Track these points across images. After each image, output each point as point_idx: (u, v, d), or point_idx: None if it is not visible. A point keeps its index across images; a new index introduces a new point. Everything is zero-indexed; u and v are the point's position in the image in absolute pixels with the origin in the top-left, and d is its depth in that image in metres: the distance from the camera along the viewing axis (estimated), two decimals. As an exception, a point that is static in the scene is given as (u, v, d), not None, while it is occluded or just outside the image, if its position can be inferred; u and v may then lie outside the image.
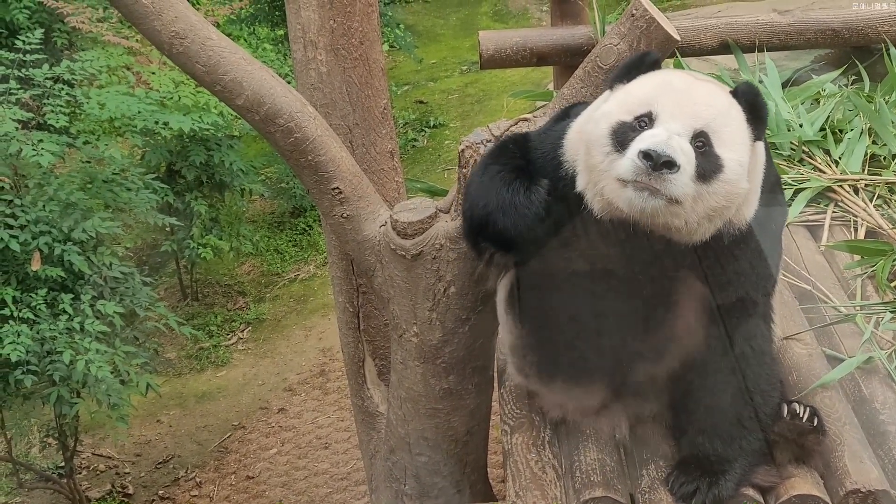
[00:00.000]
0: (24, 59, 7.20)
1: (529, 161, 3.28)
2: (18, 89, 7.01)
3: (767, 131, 4.92)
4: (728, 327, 3.13)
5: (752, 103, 3.05)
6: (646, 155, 2.84)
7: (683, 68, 5.41)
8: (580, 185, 3.08)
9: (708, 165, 2.93)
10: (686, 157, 2.88)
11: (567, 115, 3.38)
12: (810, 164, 4.87)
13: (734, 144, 2.97)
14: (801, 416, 3.35)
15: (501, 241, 3.26)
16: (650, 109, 2.97)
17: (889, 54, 5.45)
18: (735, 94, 3.07)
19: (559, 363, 3.44)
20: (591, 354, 3.37)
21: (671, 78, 3.08)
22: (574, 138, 3.18)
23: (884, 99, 5.18)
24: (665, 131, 2.91)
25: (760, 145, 3.09)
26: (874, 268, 4.23)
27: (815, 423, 3.35)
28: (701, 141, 2.94)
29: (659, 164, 2.84)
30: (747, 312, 3.17)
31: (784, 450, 3.31)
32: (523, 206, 3.18)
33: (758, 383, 3.23)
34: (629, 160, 2.88)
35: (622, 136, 2.96)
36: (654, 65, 3.13)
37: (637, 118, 2.97)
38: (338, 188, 3.97)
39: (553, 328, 3.38)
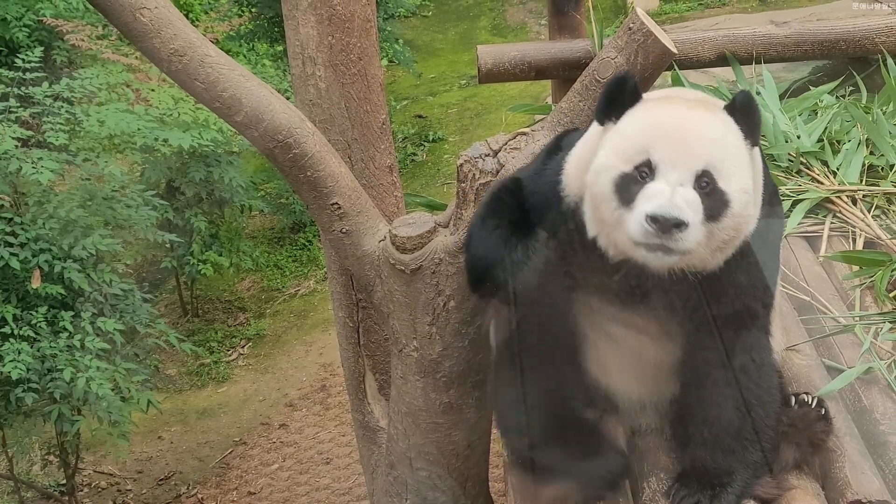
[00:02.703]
0: (24, 77, 7.23)
1: (526, 209, 3.28)
2: (18, 107, 7.03)
3: (765, 143, 4.98)
4: (729, 340, 3.12)
5: (745, 112, 3.01)
6: (653, 219, 2.82)
7: (681, 81, 5.43)
8: (591, 231, 3.06)
9: (715, 205, 2.90)
10: (693, 208, 2.86)
11: (558, 146, 3.36)
12: (808, 175, 4.87)
13: (737, 173, 2.94)
14: (809, 404, 3.39)
15: (503, 292, 3.31)
16: (648, 157, 2.92)
17: (886, 65, 5.46)
18: (731, 106, 3.05)
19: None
20: (594, 379, 3.38)
21: (663, 116, 3.00)
22: (572, 174, 3.17)
23: (881, 110, 5.19)
24: (668, 186, 2.87)
25: (756, 151, 3.09)
26: (873, 278, 4.23)
27: (823, 412, 3.38)
28: (705, 181, 2.90)
29: (667, 227, 2.82)
30: (748, 325, 3.16)
31: (790, 444, 3.31)
32: (521, 262, 3.21)
33: (759, 396, 3.23)
34: (637, 223, 2.86)
35: (626, 191, 2.92)
36: (635, 91, 3.06)
37: (637, 168, 2.92)
38: (337, 203, 3.97)
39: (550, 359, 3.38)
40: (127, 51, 8.56)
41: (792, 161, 4.92)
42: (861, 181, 4.81)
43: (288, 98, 4.14)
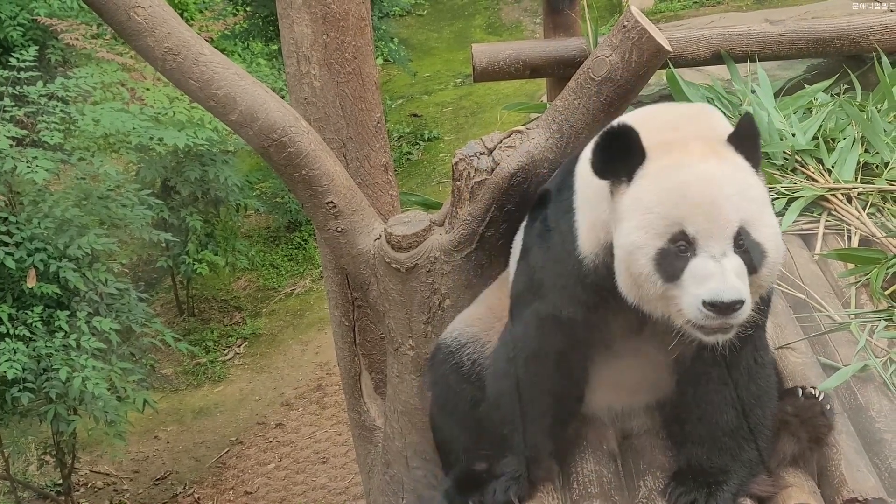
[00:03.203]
0: (19, 76, 7.22)
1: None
2: (12, 106, 7.03)
3: (760, 141, 4.98)
4: (733, 344, 3.10)
5: (749, 140, 2.95)
6: (711, 304, 2.78)
7: (676, 79, 5.43)
8: (630, 299, 2.98)
9: (754, 259, 2.87)
10: (742, 276, 2.82)
11: (543, 204, 3.31)
12: (803, 173, 4.87)
13: (763, 214, 2.90)
14: (816, 397, 3.38)
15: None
16: (682, 229, 2.84)
17: (880, 63, 5.46)
18: (736, 135, 2.96)
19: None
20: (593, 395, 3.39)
21: (682, 177, 2.88)
22: (585, 234, 3.09)
23: (876, 107, 5.20)
24: (714, 262, 2.81)
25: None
26: (868, 276, 4.23)
27: (828, 408, 3.38)
28: (741, 241, 2.85)
29: (728, 310, 2.78)
30: (753, 328, 3.15)
31: (791, 436, 3.31)
32: None
33: (759, 395, 3.22)
34: (694, 308, 2.81)
35: (669, 267, 2.86)
36: (639, 146, 2.94)
37: (673, 241, 2.85)
38: (332, 202, 3.97)
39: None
40: (122, 50, 8.55)
41: (787, 159, 4.92)
42: (856, 179, 4.81)
43: (283, 97, 4.14)
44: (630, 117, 3.14)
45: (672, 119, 3.08)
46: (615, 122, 3.02)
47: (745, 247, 2.85)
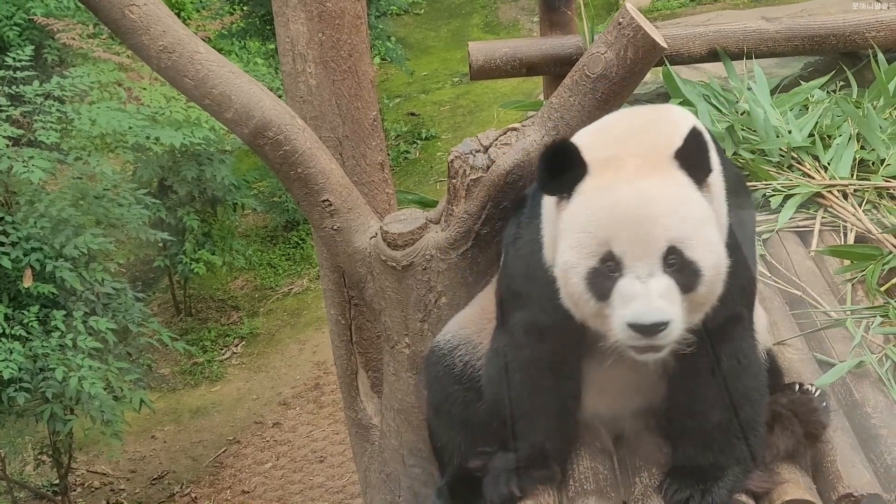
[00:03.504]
0: (15, 75, 7.22)
1: None
2: (9, 106, 7.03)
3: (756, 138, 4.98)
4: (716, 345, 3.10)
5: (694, 155, 2.88)
6: (633, 326, 2.78)
7: (672, 77, 5.42)
8: (575, 315, 3.00)
9: (689, 277, 2.84)
10: (670, 297, 2.80)
11: (520, 210, 3.33)
12: (799, 169, 4.87)
13: (701, 233, 2.85)
14: (812, 393, 3.39)
15: None
16: (610, 249, 2.83)
17: (876, 60, 5.46)
18: (681, 152, 2.90)
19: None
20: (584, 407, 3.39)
21: (613, 195, 2.85)
22: (548, 245, 3.09)
23: (871, 104, 5.19)
24: (639, 282, 2.80)
25: (713, 175, 2.97)
26: (864, 272, 4.23)
27: (824, 405, 3.38)
28: (672, 259, 2.82)
29: (650, 331, 2.78)
30: (732, 329, 3.16)
31: (785, 430, 3.31)
32: None
33: (747, 394, 3.22)
34: (620, 329, 2.81)
35: (600, 286, 2.85)
36: (579, 161, 2.92)
37: (603, 261, 2.84)
38: (328, 200, 3.97)
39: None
40: (118, 49, 8.55)
41: (783, 156, 4.92)
42: (852, 176, 4.81)
43: (280, 96, 4.13)
44: (587, 129, 3.14)
45: (625, 131, 3.04)
46: (559, 139, 3.04)
47: (679, 265, 2.82)
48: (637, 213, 2.80)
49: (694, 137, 2.87)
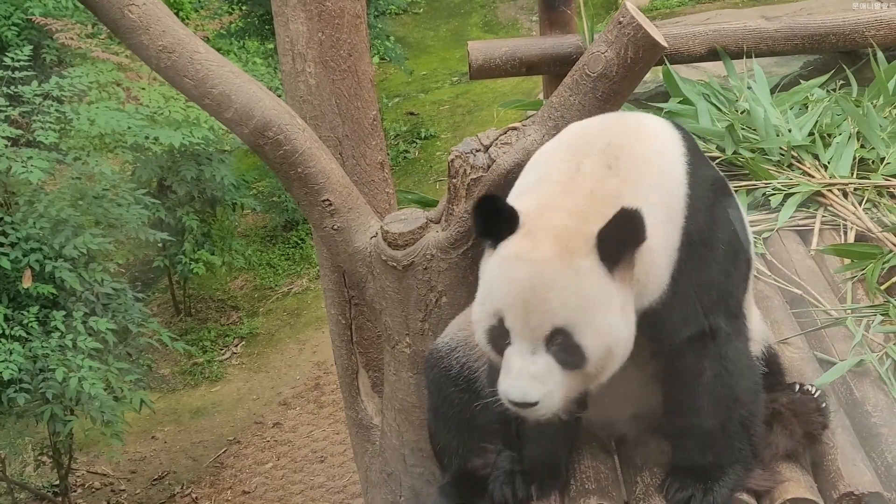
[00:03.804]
0: (13, 76, 7.22)
1: None
2: (7, 106, 7.02)
3: (757, 137, 4.98)
4: (696, 359, 3.12)
5: (612, 236, 2.86)
6: (504, 397, 2.89)
7: (672, 76, 5.42)
8: None
9: (573, 358, 2.88)
10: (545, 377, 2.87)
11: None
12: (799, 168, 4.88)
13: (591, 321, 2.87)
14: (812, 394, 3.40)
15: None
16: (501, 318, 2.91)
17: (876, 59, 5.46)
18: (601, 232, 2.87)
19: None
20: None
21: (512, 272, 2.89)
22: None
23: (871, 103, 5.19)
24: (519, 358, 2.88)
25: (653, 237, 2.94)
26: (864, 271, 4.24)
27: (823, 405, 3.39)
28: (558, 340, 2.87)
29: (518, 407, 2.89)
30: (711, 339, 3.15)
31: (784, 430, 3.31)
32: None
33: (739, 398, 3.22)
34: (500, 392, 2.91)
35: (496, 344, 2.95)
36: (509, 217, 2.94)
37: (500, 324, 2.92)
38: (328, 200, 3.96)
39: None
40: (117, 49, 8.54)
41: (783, 155, 4.92)
42: (852, 174, 4.81)
43: (279, 96, 4.13)
44: (541, 190, 3.08)
45: (569, 187, 3.02)
46: (492, 194, 3.06)
47: (563, 347, 2.87)
48: (528, 296, 2.86)
49: (618, 219, 2.84)
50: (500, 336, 2.93)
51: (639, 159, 3.04)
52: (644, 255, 2.92)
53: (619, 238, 2.84)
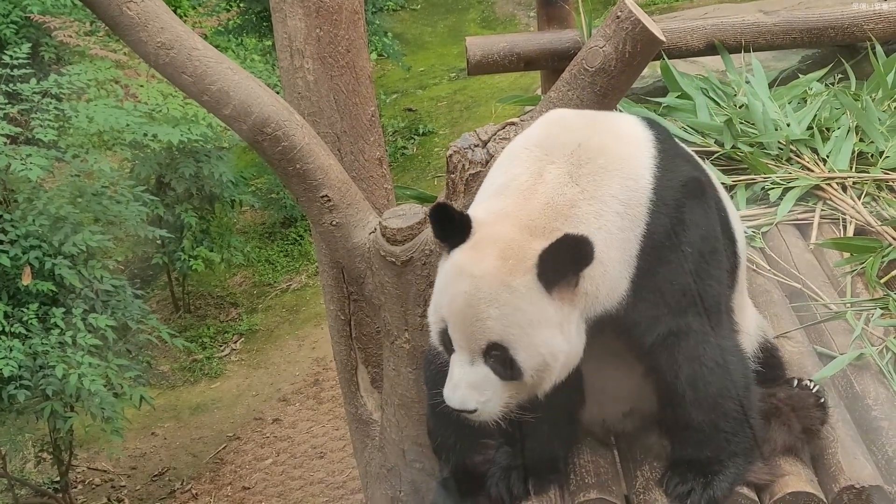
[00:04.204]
0: (12, 73, 7.21)
1: None
2: (6, 104, 7.02)
3: (755, 131, 4.98)
4: (672, 355, 3.13)
5: (552, 259, 2.91)
6: (448, 404, 3.00)
7: (671, 71, 5.42)
8: None
9: (507, 371, 2.96)
10: (483, 385, 2.97)
11: None
12: (798, 162, 4.88)
13: (526, 339, 2.94)
14: (810, 388, 3.41)
15: None
16: (446, 326, 3.01)
17: (874, 53, 5.46)
18: (542, 254, 2.93)
19: None
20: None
21: (456, 285, 2.97)
22: None
23: (870, 97, 5.20)
24: (458, 367, 2.98)
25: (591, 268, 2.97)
26: (863, 265, 4.24)
27: (822, 401, 3.39)
28: (495, 353, 2.95)
29: (458, 412, 3.00)
30: (684, 338, 3.15)
31: (782, 425, 3.31)
32: None
33: (726, 394, 3.22)
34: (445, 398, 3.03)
35: (446, 345, 3.05)
36: (461, 225, 3.00)
37: (446, 330, 3.02)
38: (327, 196, 3.97)
39: None
40: (115, 47, 8.53)
41: (782, 149, 4.92)
42: (851, 168, 4.81)
43: (277, 92, 4.13)
44: (501, 197, 3.11)
45: (527, 199, 3.06)
46: (446, 203, 3.14)
47: (500, 359, 2.95)
48: (466, 311, 2.95)
49: (561, 247, 2.89)
50: (447, 341, 3.03)
51: (603, 168, 3.08)
52: (594, 269, 2.97)
53: (559, 262, 2.91)
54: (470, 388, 2.97)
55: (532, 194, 3.04)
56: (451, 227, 3.01)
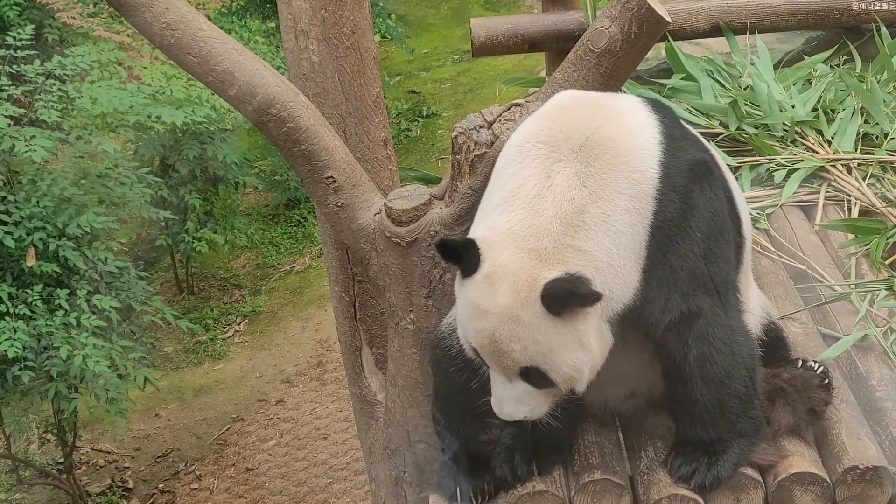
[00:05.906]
0: (15, 55, 7.21)
1: None
2: (10, 86, 7.02)
3: (760, 113, 4.97)
4: (682, 336, 3.15)
5: (552, 299, 2.99)
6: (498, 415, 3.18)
7: (675, 52, 5.41)
8: None
9: (544, 383, 3.09)
10: (523, 401, 3.14)
11: None
12: (803, 144, 4.87)
13: (552, 358, 3.06)
14: (814, 370, 3.43)
15: None
16: (478, 350, 3.14)
17: (880, 34, 5.45)
18: (543, 293, 3.00)
19: None
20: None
21: (478, 321, 3.09)
22: None
23: (875, 78, 5.18)
24: (499, 386, 3.14)
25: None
26: (868, 246, 4.24)
27: (826, 381, 3.41)
28: (529, 372, 3.08)
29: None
30: (694, 320, 3.16)
31: (786, 405, 3.32)
32: None
33: (733, 374, 3.23)
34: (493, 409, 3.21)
35: (483, 362, 3.20)
36: (474, 259, 3.08)
37: (477, 353, 3.17)
38: (332, 177, 3.96)
39: None
40: (119, 28, 8.53)
41: (787, 130, 4.92)
42: (856, 150, 4.81)
43: (282, 74, 4.12)
44: (510, 211, 3.14)
45: (525, 225, 3.10)
46: (448, 240, 3.19)
47: (536, 377, 3.09)
48: (492, 346, 3.07)
49: (563, 285, 2.97)
50: (482, 360, 3.17)
51: (610, 164, 3.10)
52: (604, 273, 3.06)
53: (562, 298, 2.98)
54: (514, 402, 3.13)
55: (540, 204, 3.08)
56: (459, 258, 3.10)
